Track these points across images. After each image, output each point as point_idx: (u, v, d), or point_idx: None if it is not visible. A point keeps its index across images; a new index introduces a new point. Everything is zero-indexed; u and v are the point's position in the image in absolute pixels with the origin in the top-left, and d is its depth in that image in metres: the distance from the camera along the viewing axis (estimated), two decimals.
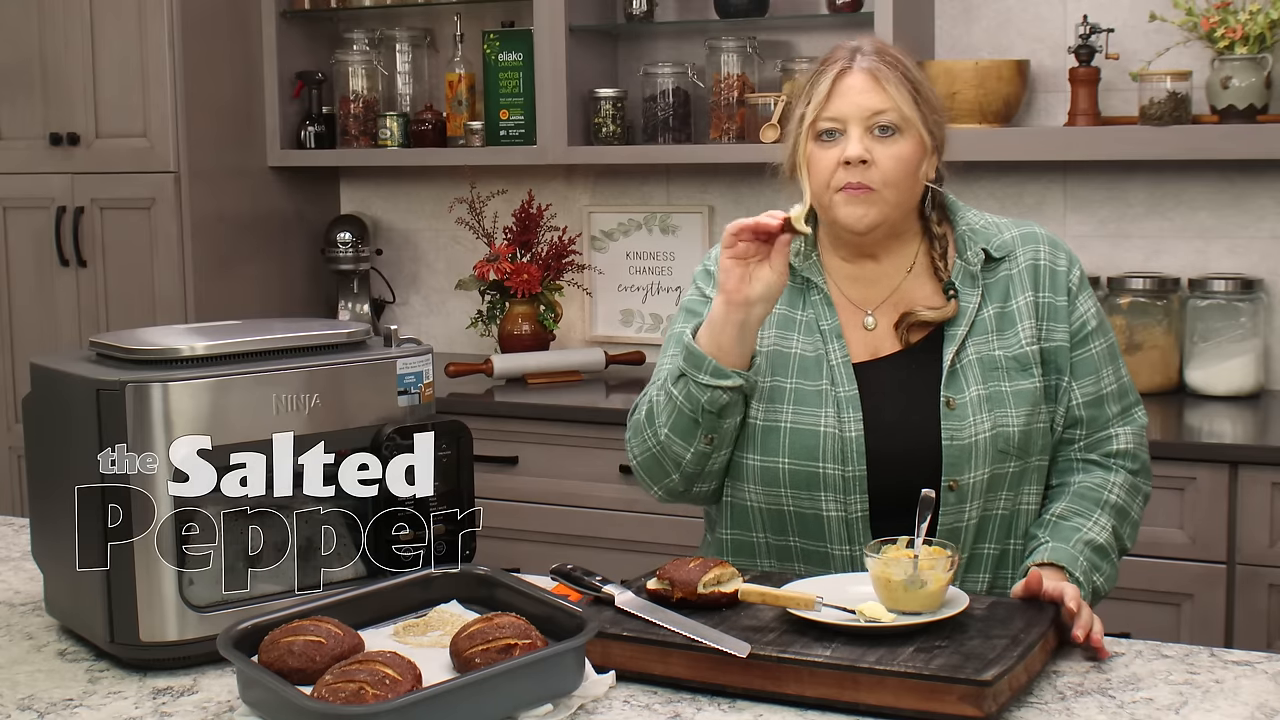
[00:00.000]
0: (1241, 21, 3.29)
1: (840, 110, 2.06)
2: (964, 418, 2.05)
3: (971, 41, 3.72)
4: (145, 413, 1.83)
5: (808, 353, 2.11)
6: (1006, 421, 2.06)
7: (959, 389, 2.07)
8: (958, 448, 2.04)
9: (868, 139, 2.05)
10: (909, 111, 2.05)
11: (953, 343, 2.09)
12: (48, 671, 1.89)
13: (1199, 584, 3.01)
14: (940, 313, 2.10)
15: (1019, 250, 2.15)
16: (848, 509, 2.06)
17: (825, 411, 2.07)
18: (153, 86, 3.96)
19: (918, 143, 2.07)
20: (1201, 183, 3.55)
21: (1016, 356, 2.09)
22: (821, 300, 2.13)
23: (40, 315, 4.20)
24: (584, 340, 4.18)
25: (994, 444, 2.05)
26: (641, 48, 4.05)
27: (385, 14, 4.28)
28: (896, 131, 2.05)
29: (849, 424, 2.06)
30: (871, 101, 2.05)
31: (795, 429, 2.07)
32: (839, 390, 2.08)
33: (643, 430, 2.11)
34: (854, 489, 2.05)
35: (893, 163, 2.05)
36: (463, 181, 4.10)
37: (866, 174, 2.05)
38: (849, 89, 2.07)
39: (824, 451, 2.06)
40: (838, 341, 2.10)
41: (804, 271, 2.15)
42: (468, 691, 1.62)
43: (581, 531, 3.52)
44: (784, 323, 2.14)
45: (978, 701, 1.64)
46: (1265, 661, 1.84)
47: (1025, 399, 2.08)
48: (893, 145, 2.05)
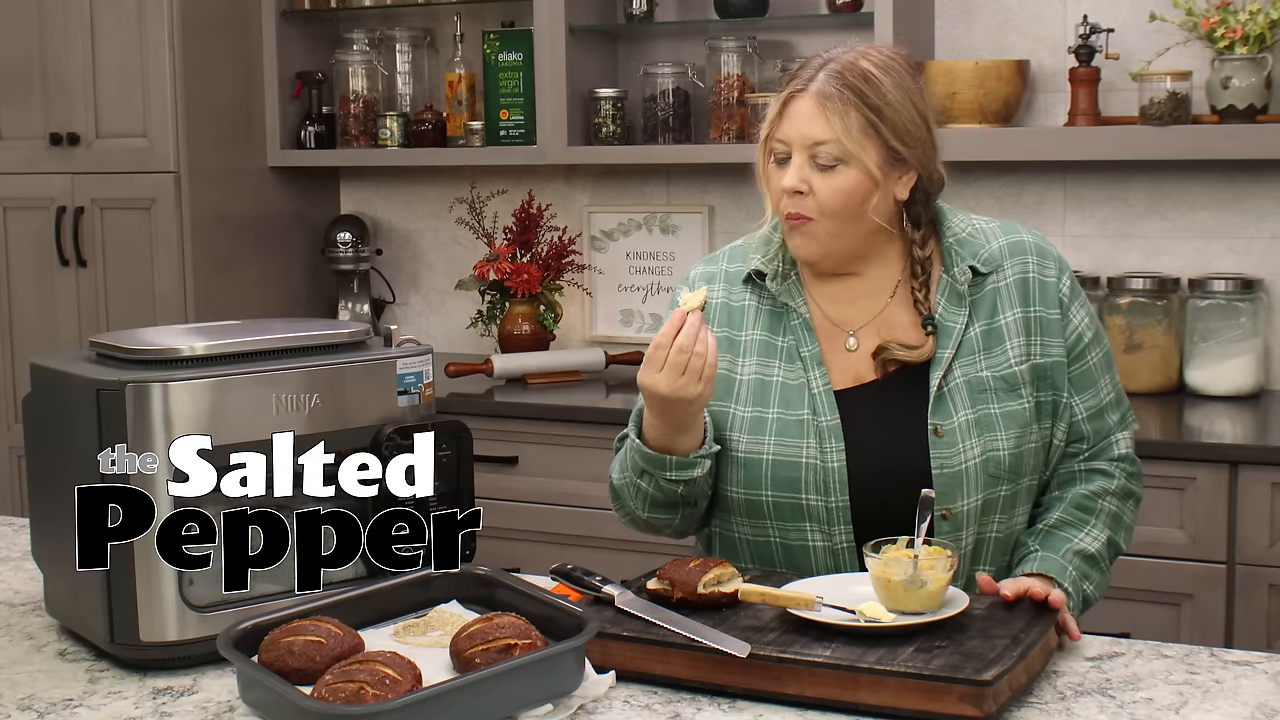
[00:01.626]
0: (1241, 21, 3.29)
1: (786, 134, 2.01)
2: (953, 445, 2.01)
3: (971, 41, 3.72)
4: (145, 413, 1.83)
5: (790, 381, 2.07)
6: (996, 445, 2.03)
7: (946, 415, 2.02)
8: (948, 476, 2.01)
9: (808, 168, 1.99)
10: (851, 145, 1.97)
11: (939, 366, 2.04)
12: (48, 671, 1.89)
13: (1199, 584, 3.01)
14: (917, 354, 2.04)
15: (1006, 263, 2.09)
16: (833, 540, 2.03)
17: (807, 442, 2.03)
18: (153, 86, 3.96)
19: (863, 175, 1.99)
20: (1201, 183, 3.55)
21: (1005, 377, 2.05)
22: (801, 325, 2.08)
23: (40, 315, 4.20)
24: (584, 340, 4.18)
25: (984, 469, 2.02)
26: (641, 48, 4.05)
27: (385, 14, 4.28)
28: (839, 163, 1.98)
29: (830, 454, 2.02)
30: (813, 131, 1.98)
31: (777, 460, 2.04)
32: (820, 420, 2.04)
33: (624, 503, 2.13)
34: (838, 520, 2.02)
35: (830, 194, 1.99)
36: (463, 181, 4.10)
37: (803, 204, 2.00)
38: (795, 114, 2.01)
39: (805, 483, 2.03)
40: (819, 369, 2.06)
41: (782, 296, 2.10)
42: (468, 691, 1.62)
43: (581, 531, 3.52)
44: (765, 350, 2.09)
45: (978, 701, 1.64)
46: (1265, 661, 1.84)
47: (1015, 420, 2.04)
48: (833, 178, 1.98)
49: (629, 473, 2.08)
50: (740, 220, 3.96)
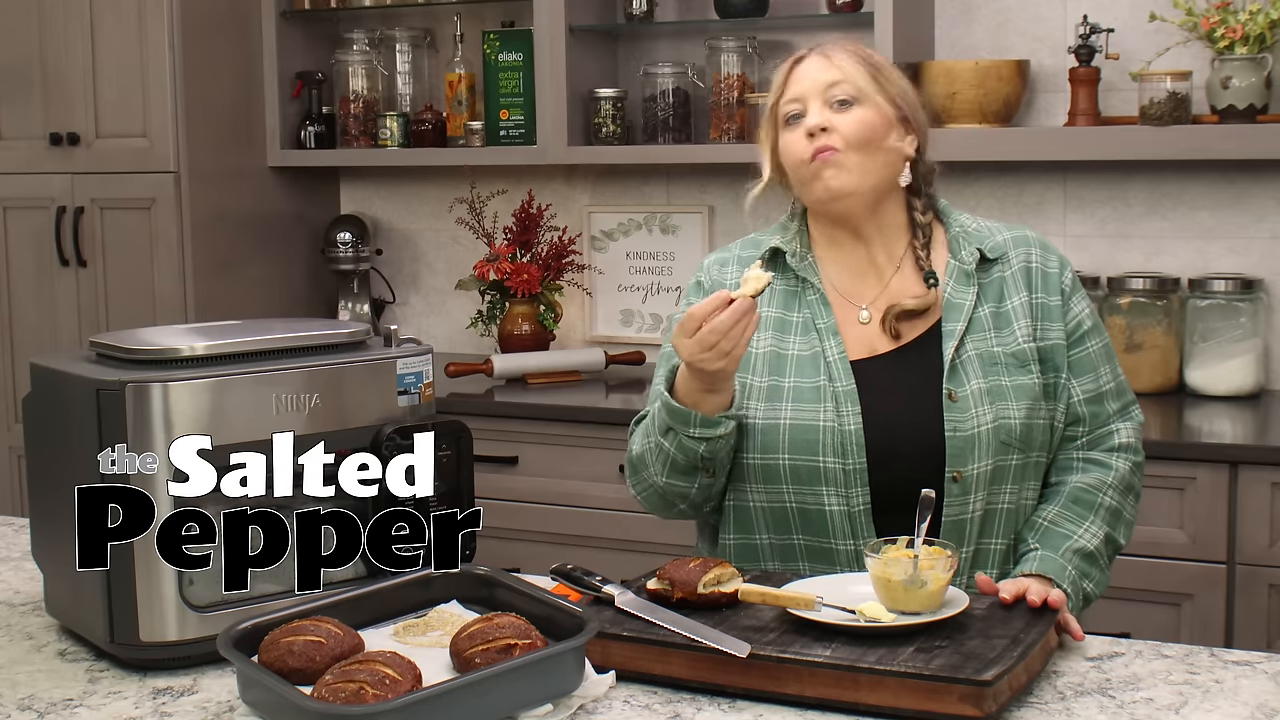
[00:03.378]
0: (1241, 21, 3.29)
1: (797, 91, 2.14)
2: (966, 410, 2.06)
3: (971, 41, 3.72)
4: (145, 413, 1.83)
5: (804, 352, 2.12)
6: (1008, 414, 2.07)
7: (960, 383, 2.08)
8: (961, 439, 2.05)
9: (826, 111, 2.11)
10: (863, 84, 2.11)
11: (952, 339, 2.10)
12: (48, 671, 1.89)
13: (1199, 584, 3.01)
14: (922, 301, 2.12)
15: (1012, 253, 2.17)
16: (850, 503, 2.06)
17: (824, 406, 2.08)
18: (153, 86, 3.96)
19: (878, 111, 2.11)
20: (1201, 183, 3.55)
21: (1015, 353, 2.11)
22: (817, 299, 2.15)
23: (40, 315, 4.20)
24: (584, 340, 4.18)
25: (996, 435, 2.06)
26: (641, 48, 4.05)
27: (385, 14, 4.28)
28: (854, 102, 2.10)
29: (848, 418, 2.06)
30: (825, 75, 2.12)
31: (794, 424, 2.08)
32: (836, 385, 2.08)
33: (640, 473, 2.13)
34: (855, 482, 2.05)
35: (853, 124, 2.09)
36: (463, 181, 4.10)
37: (830, 138, 2.10)
38: (803, 72, 2.15)
39: (823, 445, 2.06)
40: (834, 339, 2.12)
41: (800, 271, 2.16)
42: (468, 691, 1.62)
43: (581, 531, 3.52)
44: (780, 325, 2.15)
45: (978, 701, 1.64)
46: (1265, 661, 1.84)
47: (1025, 394, 2.09)
48: (851, 112, 2.10)
49: (653, 434, 2.08)
50: (740, 220, 3.93)
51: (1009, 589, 1.89)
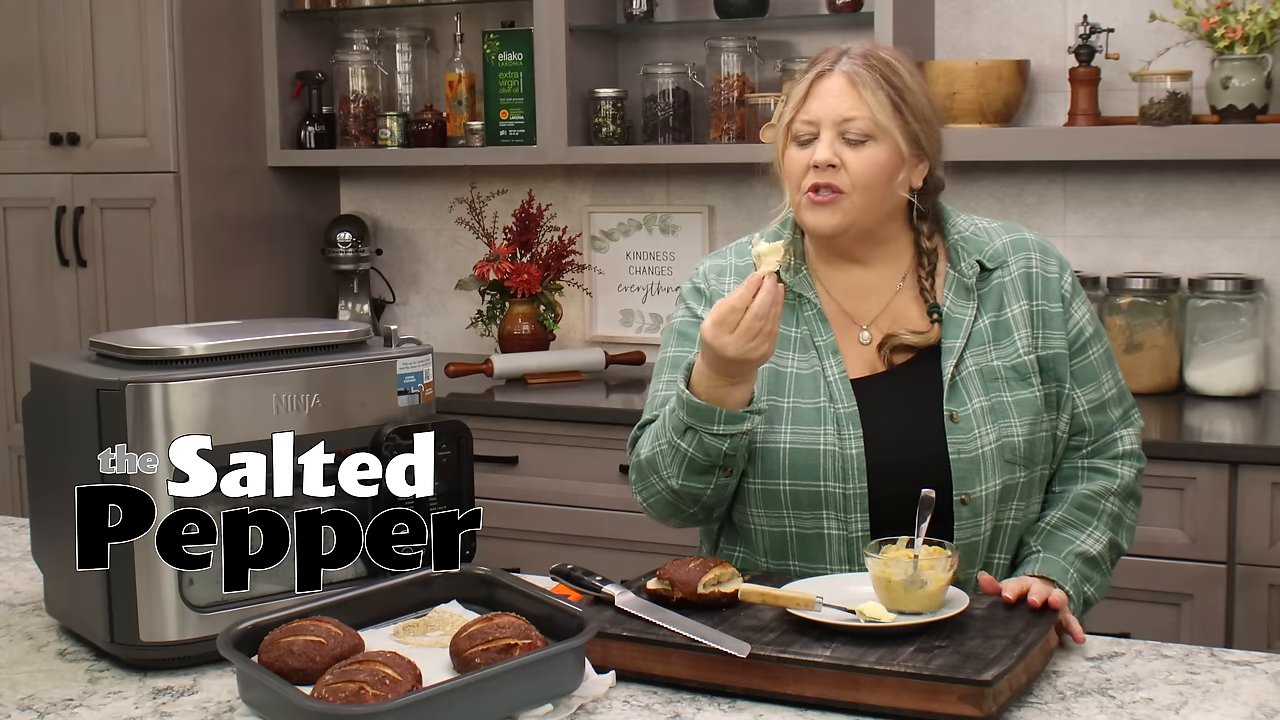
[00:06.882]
0: (1241, 21, 3.29)
1: (815, 113, 2.05)
2: (968, 430, 2.03)
3: (971, 41, 3.72)
4: (145, 413, 1.83)
5: (803, 370, 2.08)
6: (1011, 431, 2.04)
7: (961, 402, 2.04)
8: (965, 461, 2.02)
9: (839, 144, 2.03)
10: (883, 119, 2.02)
11: (951, 355, 2.06)
12: (48, 671, 1.89)
13: (1199, 584, 3.01)
14: (923, 338, 2.08)
15: (1011, 259, 2.12)
16: (849, 527, 2.03)
17: (824, 429, 2.04)
18: (153, 86, 3.95)
19: (892, 151, 2.03)
20: (1201, 183, 3.55)
21: (1015, 366, 2.07)
22: (815, 316, 2.10)
23: (40, 315, 4.20)
24: (584, 340, 4.18)
25: (1000, 455, 2.03)
26: (641, 48, 4.05)
27: (385, 14, 4.28)
28: (869, 139, 2.02)
29: (849, 441, 2.03)
30: (844, 107, 2.03)
31: (794, 449, 2.04)
32: (838, 407, 2.05)
33: (649, 478, 2.07)
34: (855, 507, 2.03)
35: (864, 167, 2.02)
36: (463, 181, 4.10)
37: (836, 177, 2.03)
38: (825, 92, 2.05)
39: (824, 470, 2.03)
40: (834, 357, 2.08)
41: (795, 286, 2.11)
42: (468, 691, 1.62)
43: (581, 531, 3.52)
44: (778, 341, 2.07)
45: (978, 701, 1.64)
46: (1265, 661, 1.84)
47: (1027, 408, 2.06)
48: (863, 152, 2.02)
49: (666, 436, 2.02)
50: (740, 220, 3.96)
51: (1012, 587, 1.89)
